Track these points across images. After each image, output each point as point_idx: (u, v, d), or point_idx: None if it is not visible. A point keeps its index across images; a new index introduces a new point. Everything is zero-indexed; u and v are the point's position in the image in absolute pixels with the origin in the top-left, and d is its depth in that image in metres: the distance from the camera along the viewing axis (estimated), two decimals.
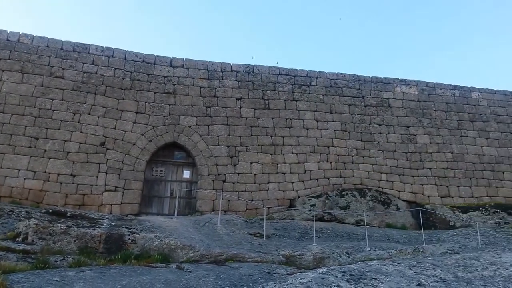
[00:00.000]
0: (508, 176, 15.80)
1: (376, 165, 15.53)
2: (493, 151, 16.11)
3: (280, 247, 10.37)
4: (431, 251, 10.02)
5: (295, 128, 15.53)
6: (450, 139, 16.13)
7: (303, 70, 16.58)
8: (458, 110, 16.64)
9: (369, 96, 16.53)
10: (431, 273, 4.92)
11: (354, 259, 9.99)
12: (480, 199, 15.29)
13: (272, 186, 14.61)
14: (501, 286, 4.49)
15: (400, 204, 15.06)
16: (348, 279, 4.74)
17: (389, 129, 16.13)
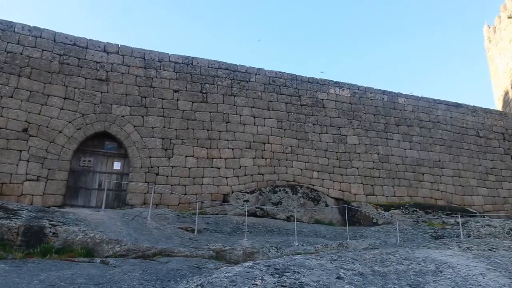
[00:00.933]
0: (427, 177, 16.99)
1: (308, 163, 15.99)
2: (415, 154, 17.24)
3: (211, 241, 10.33)
4: (354, 246, 10.51)
5: (232, 123, 15.55)
6: (377, 141, 17.02)
7: (243, 66, 16.63)
8: (386, 114, 17.59)
9: (305, 96, 16.96)
10: (350, 267, 5.17)
11: (282, 254, 10.23)
12: (401, 198, 16.30)
13: (207, 181, 14.53)
14: (413, 279, 4.83)
15: (329, 201, 15.65)
16: (272, 273, 4.88)
17: (322, 129, 16.67)
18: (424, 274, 4.94)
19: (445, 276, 4.93)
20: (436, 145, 17.61)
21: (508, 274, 5.88)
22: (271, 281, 4.64)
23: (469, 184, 17.45)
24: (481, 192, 17.49)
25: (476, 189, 17.50)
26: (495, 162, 18.22)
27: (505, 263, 6.76)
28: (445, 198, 16.86)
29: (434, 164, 17.28)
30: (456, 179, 17.34)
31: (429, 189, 16.84)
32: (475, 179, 17.60)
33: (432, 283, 4.61)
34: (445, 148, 17.68)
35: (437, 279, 4.78)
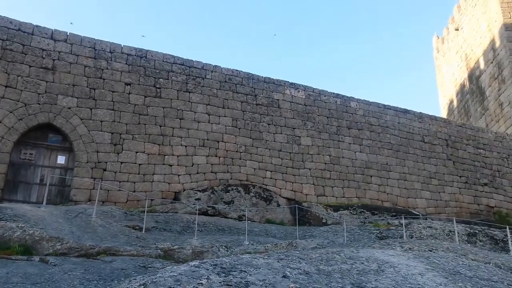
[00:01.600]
0: (375, 180, 17.55)
1: (262, 163, 16.04)
2: (364, 157, 17.75)
3: (160, 240, 10.13)
4: (303, 246, 10.66)
5: (186, 120, 15.31)
6: (329, 143, 17.36)
7: (199, 62, 16.42)
8: (338, 117, 17.99)
9: (261, 96, 17.00)
10: (297, 266, 5.21)
11: (232, 253, 10.22)
12: (350, 199, 16.73)
13: (157, 178, 14.20)
14: (355, 278, 4.93)
15: (281, 201, 15.79)
16: (219, 272, 4.84)
17: (277, 129, 16.78)
18: (367, 273, 5.05)
19: (386, 276, 5.07)
20: (384, 149, 18.22)
21: (445, 274, 6.16)
22: (216, 280, 4.59)
23: (413, 187, 18.19)
24: (424, 195, 18.29)
25: (420, 192, 18.29)
26: (438, 167, 19.11)
27: (443, 263, 7.08)
28: (391, 200, 17.49)
29: (382, 167, 17.88)
30: (402, 182, 18.02)
31: (376, 191, 17.39)
32: (419, 183, 18.38)
33: (373, 282, 4.73)
34: (392, 152, 18.34)
35: (378, 278, 4.91)
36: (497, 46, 24.19)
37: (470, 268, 7.51)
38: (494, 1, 24.39)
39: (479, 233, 13.54)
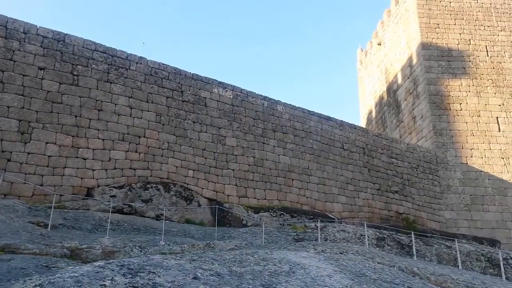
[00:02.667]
0: (296, 183, 17.96)
1: (185, 161, 15.68)
2: (287, 160, 18.11)
3: (67, 239, 9.51)
4: (221, 247, 10.54)
5: (106, 112, 14.50)
6: (254, 144, 17.45)
7: (123, 52, 15.64)
8: (264, 119, 18.16)
9: (188, 92, 16.64)
10: (209, 267, 5.07)
11: (146, 253, 9.88)
12: (271, 201, 16.95)
13: (69, 172, 13.26)
14: (267, 280, 4.91)
15: (202, 201, 15.55)
16: (125, 273, 4.59)
17: (202, 127, 16.52)
18: (278, 274, 5.05)
19: (296, 277, 5.11)
20: (306, 153, 18.73)
21: (351, 276, 6.37)
22: (122, 282, 4.31)
23: (331, 192, 18.90)
24: (340, 200, 19.09)
25: (337, 197, 19.05)
26: (354, 173, 20.06)
27: (351, 265, 7.34)
28: (310, 204, 18.01)
29: (303, 171, 18.35)
30: (321, 186, 18.65)
31: (296, 194, 17.80)
32: (337, 188, 19.15)
33: (284, 283, 4.73)
34: (314, 157, 18.90)
35: (289, 279, 4.92)
36: (414, 63, 26.08)
37: (376, 271, 7.88)
38: (414, 21, 26.28)
39: (387, 237, 14.37)
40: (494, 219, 22.12)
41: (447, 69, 24.62)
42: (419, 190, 21.99)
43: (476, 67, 24.75)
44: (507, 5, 26.29)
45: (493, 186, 22.70)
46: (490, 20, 25.86)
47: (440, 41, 25.20)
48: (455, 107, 23.98)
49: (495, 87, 24.39)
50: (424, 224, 21.05)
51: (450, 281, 9.67)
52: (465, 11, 26.02)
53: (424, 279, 9.36)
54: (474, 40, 25.34)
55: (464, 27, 25.61)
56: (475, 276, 11.20)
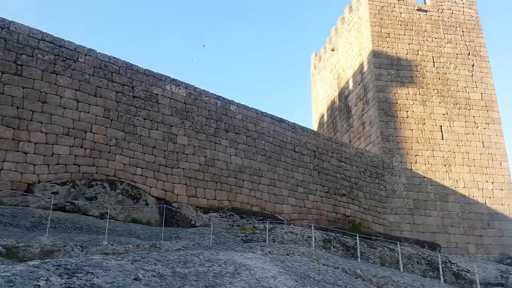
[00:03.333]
0: (247, 184, 17.96)
1: (133, 159, 15.24)
2: (239, 161, 18.07)
3: (3, 236, 9.09)
4: (167, 247, 10.32)
5: (50, 104, 13.80)
6: (205, 144, 17.27)
7: (71, 43, 14.96)
8: (217, 119, 18.03)
9: (139, 88, 16.19)
10: (151, 268, 4.92)
11: (87, 253, 9.55)
12: (221, 202, 16.83)
13: (8, 166, 12.50)
14: (211, 281, 4.82)
15: (150, 200, 15.18)
16: (61, 273, 4.39)
17: (153, 124, 16.13)
18: (223, 275, 4.98)
19: (241, 278, 5.07)
20: (258, 154, 18.79)
21: (296, 277, 6.43)
22: (57, 282, 4.13)
23: (281, 193, 19.08)
24: (290, 201, 19.31)
25: (287, 198, 19.26)
26: (305, 175, 20.37)
27: (296, 267, 7.41)
28: (260, 205, 18.08)
29: (254, 172, 18.39)
30: (271, 188, 18.77)
31: (247, 195, 17.81)
32: (287, 190, 19.36)
33: (228, 284, 4.67)
34: (265, 158, 19.00)
35: (233, 280, 4.87)
36: (365, 70, 26.94)
37: (320, 272, 8.01)
38: (366, 29, 27.15)
39: (333, 239, 14.70)
40: (435, 223, 23.25)
41: (395, 77, 25.64)
42: (366, 194, 22.71)
43: (423, 77, 25.96)
44: (454, 19, 27.79)
45: (435, 192, 23.86)
46: (438, 32, 27.23)
47: (390, 50, 26.20)
48: (402, 114, 25.01)
49: (440, 97, 25.69)
50: (370, 227, 21.76)
51: (391, 283, 10.03)
52: (415, 22, 27.23)
53: (366, 280, 9.63)
54: (422, 51, 26.56)
55: (413, 37, 26.79)
56: (415, 279, 11.70)
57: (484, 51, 27.20)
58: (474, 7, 28.36)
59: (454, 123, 25.18)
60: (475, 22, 27.86)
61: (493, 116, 25.64)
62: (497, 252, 22.97)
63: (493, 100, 25.99)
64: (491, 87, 26.28)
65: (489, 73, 26.61)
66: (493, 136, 25.19)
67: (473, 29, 27.69)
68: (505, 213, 23.91)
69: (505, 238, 23.47)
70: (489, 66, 26.81)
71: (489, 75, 26.55)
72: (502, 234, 23.52)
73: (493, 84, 26.41)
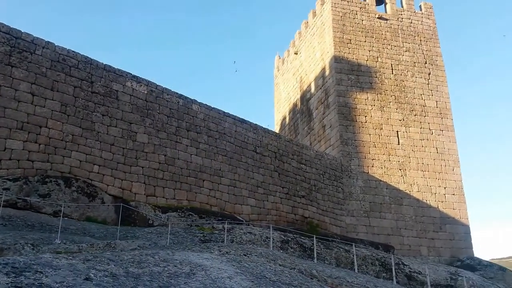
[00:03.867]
0: (207, 184, 17.90)
1: (90, 156, 14.84)
2: (199, 161, 17.98)
3: None
4: (123, 247, 10.13)
5: (4, 97, 13.24)
6: (166, 142, 17.07)
7: (29, 35, 14.39)
8: (179, 117, 17.86)
9: (99, 84, 15.79)
10: (104, 268, 4.84)
11: (39, 252, 9.28)
12: (180, 201, 16.69)
13: None
14: (165, 281, 4.80)
15: (107, 198, 14.83)
16: (8, 272, 4.29)
17: (112, 121, 15.78)
18: (178, 276, 4.97)
19: (196, 278, 5.07)
20: (219, 154, 18.76)
21: (252, 278, 6.51)
22: (3, 281, 4.04)
23: (241, 194, 19.15)
24: (250, 202, 19.42)
25: (247, 199, 19.35)
26: (265, 177, 20.54)
27: (252, 267, 7.49)
28: (220, 205, 18.06)
29: (215, 172, 18.36)
30: (231, 188, 18.80)
31: (206, 195, 17.74)
32: (247, 190, 19.45)
33: (182, 284, 4.67)
34: (226, 158, 19.01)
35: (188, 281, 4.87)
36: (326, 74, 27.48)
37: (276, 273, 8.13)
38: (328, 35, 27.71)
39: (291, 240, 14.92)
40: (389, 226, 24.01)
41: (355, 83, 26.33)
42: (324, 196, 23.17)
43: (382, 83, 26.80)
44: (413, 28, 28.85)
45: (390, 195, 24.67)
46: (397, 40, 28.20)
47: (351, 56, 26.88)
48: (360, 119, 25.71)
49: (397, 103, 26.60)
50: (327, 229, 22.22)
51: (345, 283, 10.31)
52: (375, 30, 28.08)
53: (321, 281, 9.86)
54: (381, 58, 27.42)
55: (373, 44, 27.61)
56: (369, 280, 12.07)
57: (440, 60, 28.45)
58: (432, 18, 29.59)
59: (410, 129, 26.15)
60: (432, 32, 29.09)
61: (447, 123, 26.85)
62: (447, 255, 24.02)
63: (447, 108, 27.21)
64: (445, 95, 27.51)
65: (444, 81, 27.85)
66: (446, 143, 26.36)
67: (431, 38, 28.90)
68: (456, 217, 25.05)
69: (455, 241, 24.57)
70: (445, 75, 28.05)
71: (444, 83, 27.79)
72: (453, 238, 24.61)
73: (448, 92, 27.65)
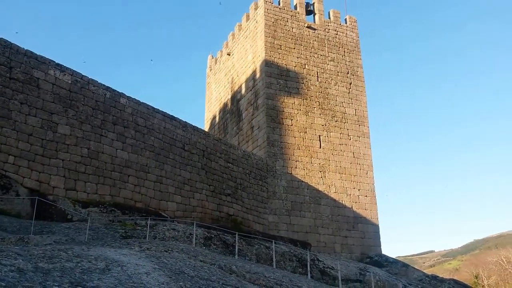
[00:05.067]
0: (132, 180, 17.60)
1: (5, 145, 13.98)
2: (125, 155, 17.62)
3: None
4: (37, 242, 9.77)
5: None
6: (90, 135, 16.52)
7: None
8: (105, 110, 17.36)
9: (18, 70, 14.90)
10: (10, 263, 4.75)
11: None
12: (103, 197, 16.26)
13: None
14: (77, 277, 4.82)
15: (22, 191, 14.07)
16: None
17: (32, 110, 14.98)
18: (92, 272, 5.01)
19: (111, 274, 5.15)
20: (146, 150, 18.53)
21: (170, 274, 6.69)
22: None
23: (167, 191, 19.07)
24: (176, 199, 19.40)
25: (173, 196, 19.31)
26: (192, 174, 20.62)
27: (172, 263, 7.67)
28: (144, 201, 17.85)
29: (141, 168, 18.10)
30: (157, 184, 18.66)
31: (131, 191, 17.45)
32: (173, 187, 19.41)
33: (96, 280, 4.73)
34: (153, 154, 18.81)
35: (102, 277, 4.93)
36: (257, 77, 28.15)
37: (195, 269, 8.39)
38: (260, 38, 28.40)
39: (214, 237, 15.22)
40: (308, 224, 25.25)
41: (284, 87, 27.29)
42: (249, 194, 23.77)
43: (308, 89, 28.03)
44: (338, 39, 30.49)
45: (310, 195, 25.94)
46: (323, 50, 29.64)
47: (281, 61, 27.81)
48: (287, 122, 26.71)
49: (321, 109, 28.00)
50: (250, 226, 22.83)
51: (262, 278, 10.82)
52: (304, 38, 29.28)
53: (240, 276, 10.27)
54: (308, 65, 28.67)
55: (301, 52, 28.78)
56: (285, 275, 12.71)
57: (360, 71, 30.41)
58: (356, 31, 31.51)
59: (330, 134, 27.68)
60: (355, 44, 30.99)
61: (364, 130, 28.82)
62: (358, 252, 25.84)
63: (365, 116, 29.20)
64: (364, 104, 29.50)
65: (363, 91, 29.84)
66: (362, 148, 28.30)
67: (353, 50, 30.76)
68: (368, 217, 27.03)
69: (366, 239, 26.50)
70: (364, 86, 30.09)
71: (363, 93, 29.79)
72: (364, 236, 26.51)
73: (366, 102, 29.69)
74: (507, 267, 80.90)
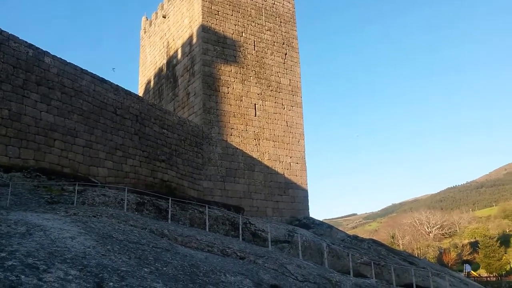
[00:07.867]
0: (59, 144, 16.79)
1: None
2: (51, 118, 16.70)
3: None
4: None
5: None
6: (11, 96, 15.40)
7: None
8: (28, 69, 16.18)
9: None
10: None
11: None
12: (26, 161, 15.42)
13: None
14: None
15: None
16: None
17: None
18: (11, 236, 4.88)
19: (33, 239, 5.05)
20: (74, 113, 17.66)
21: (97, 238, 6.67)
22: None
23: (98, 156, 18.46)
24: (107, 165, 18.87)
25: (104, 161, 18.75)
26: (125, 139, 20.08)
27: (99, 228, 7.61)
28: (73, 167, 17.19)
29: (69, 132, 17.29)
30: (87, 149, 17.98)
31: (58, 156, 16.69)
32: (105, 152, 18.82)
33: (15, 245, 4.63)
34: (82, 118, 18.00)
35: (22, 241, 4.83)
36: (193, 42, 27.53)
37: (124, 233, 8.39)
38: (197, 3, 27.61)
39: (147, 203, 15.16)
40: (242, 190, 25.89)
41: (220, 54, 27.03)
42: (184, 161, 23.72)
43: (244, 58, 28.02)
44: (275, 9, 30.52)
45: (245, 162, 26.46)
46: (260, 19, 29.57)
47: (218, 28, 27.39)
48: (223, 90, 26.65)
49: (257, 78, 28.21)
50: (185, 192, 22.92)
51: (194, 241, 11.06)
52: (242, 6, 28.94)
53: (171, 239, 10.42)
54: (245, 34, 28.53)
55: (239, 20, 28.50)
56: (217, 237, 13.07)
57: (295, 42, 30.86)
58: (292, 2, 31.74)
59: (266, 103, 28.14)
60: (291, 15, 31.24)
61: (297, 100, 29.60)
62: (288, 215, 27.08)
63: (298, 87, 29.94)
64: (297, 75, 30.17)
65: (297, 62, 30.43)
66: (295, 117, 29.16)
67: (289, 21, 31.03)
68: (298, 183, 28.25)
69: (295, 203, 27.82)
70: (298, 57, 30.69)
71: (297, 64, 30.39)
72: (293, 200, 27.78)
73: (300, 72, 30.39)
74: (419, 228, 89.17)
